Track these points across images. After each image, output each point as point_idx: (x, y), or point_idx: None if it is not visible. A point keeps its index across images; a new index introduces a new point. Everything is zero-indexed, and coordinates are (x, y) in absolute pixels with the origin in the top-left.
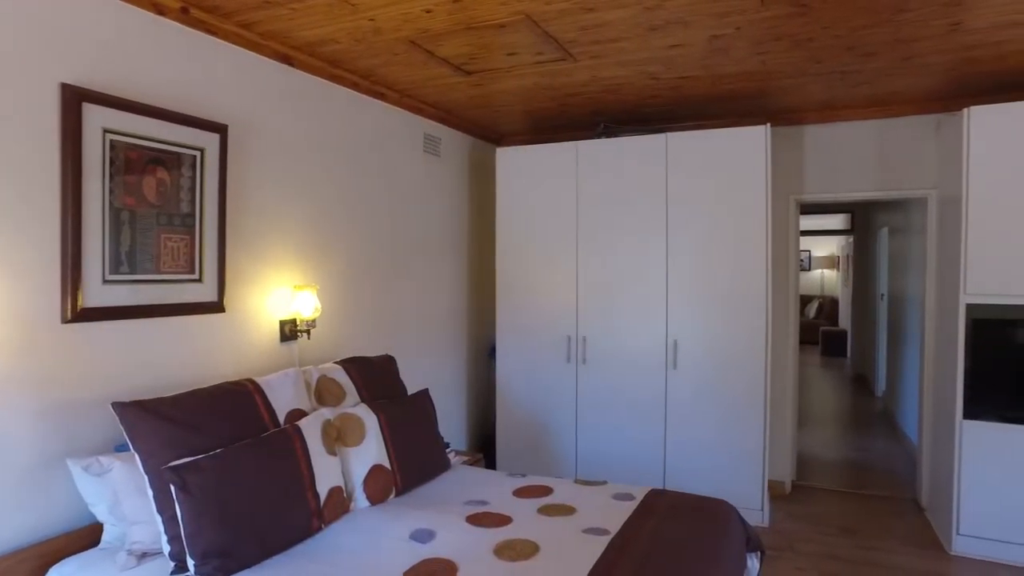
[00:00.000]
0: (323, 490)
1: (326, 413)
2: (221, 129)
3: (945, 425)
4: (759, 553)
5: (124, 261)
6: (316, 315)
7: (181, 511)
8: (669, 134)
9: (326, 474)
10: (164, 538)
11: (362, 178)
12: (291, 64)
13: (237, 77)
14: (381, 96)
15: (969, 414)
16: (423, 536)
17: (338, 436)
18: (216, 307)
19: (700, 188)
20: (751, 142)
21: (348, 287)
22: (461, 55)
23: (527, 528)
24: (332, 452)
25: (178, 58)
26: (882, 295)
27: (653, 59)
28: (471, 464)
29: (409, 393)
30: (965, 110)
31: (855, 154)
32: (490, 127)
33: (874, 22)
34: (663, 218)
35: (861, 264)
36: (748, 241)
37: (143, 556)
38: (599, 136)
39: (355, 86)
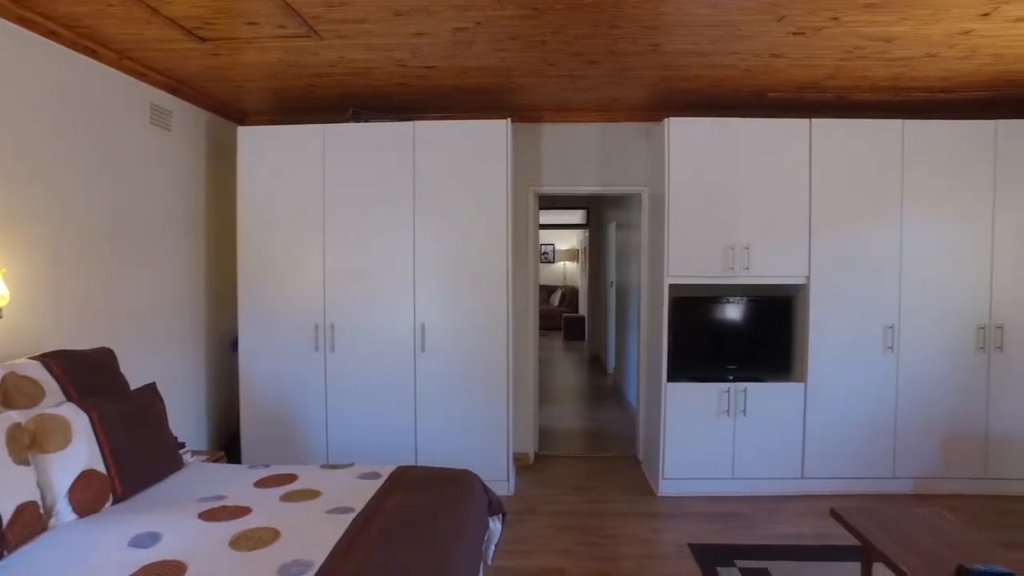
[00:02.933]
0: (7, 509)
1: (15, 416)
2: None
3: (655, 389)
4: (501, 515)
5: None
6: (3, 303)
7: None
8: (417, 122)
9: (12, 489)
10: None
11: (68, 148)
12: None
13: None
14: (92, 53)
15: (671, 378)
16: (145, 541)
17: (32, 442)
18: None
19: (446, 177)
20: (493, 135)
21: (52, 271)
22: (193, 17)
23: (267, 516)
24: (23, 461)
25: None
26: (611, 283)
27: (400, 45)
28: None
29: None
30: (666, 120)
31: (585, 153)
32: (231, 104)
33: (592, 33)
34: (410, 205)
35: (595, 256)
36: (491, 229)
37: None
38: (349, 121)
39: (54, 36)
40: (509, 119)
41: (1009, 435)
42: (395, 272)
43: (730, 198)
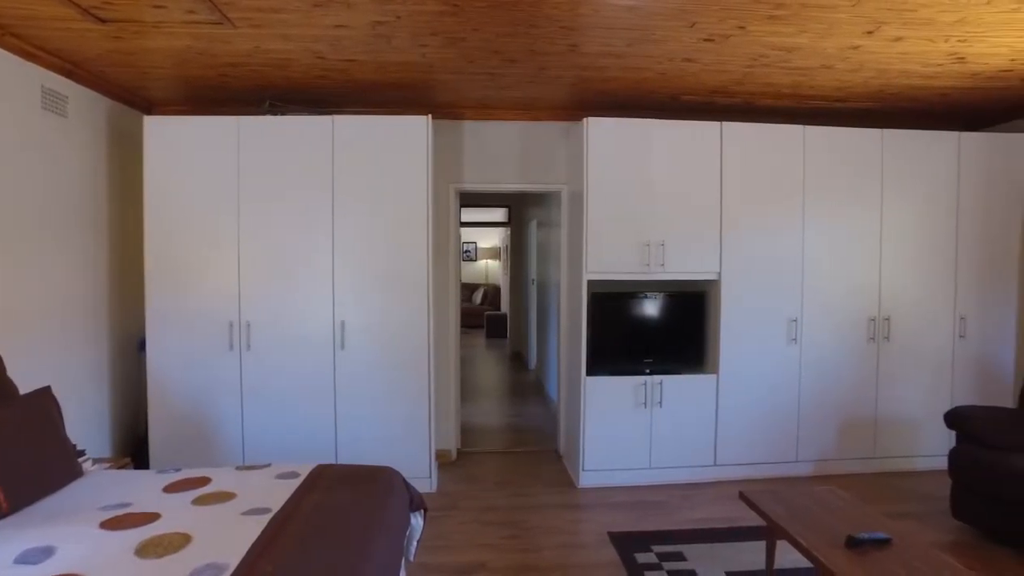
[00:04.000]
0: None
1: None
2: None
3: (574, 384)
4: (422, 512)
5: None
6: None
7: None
8: (336, 116)
9: None
10: None
11: None
12: None
13: None
14: None
15: (590, 372)
16: (35, 556)
17: None
18: None
19: (366, 172)
20: (414, 131)
21: None
22: None
23: (178, 521)
24: None
25: None
26: (532, 281)
27: (319, 37)
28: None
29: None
30: (584, 120)
31: (506, 151)
32: (136, 91)
33: (512, 32)
34: (329, 201)
35: (517, 254)
36: (411, 225)
37: None
38: (265, 113)
39: None
40: (430, 115)
41: (894, 417)
42: (314, 269)
43: (646, 196)
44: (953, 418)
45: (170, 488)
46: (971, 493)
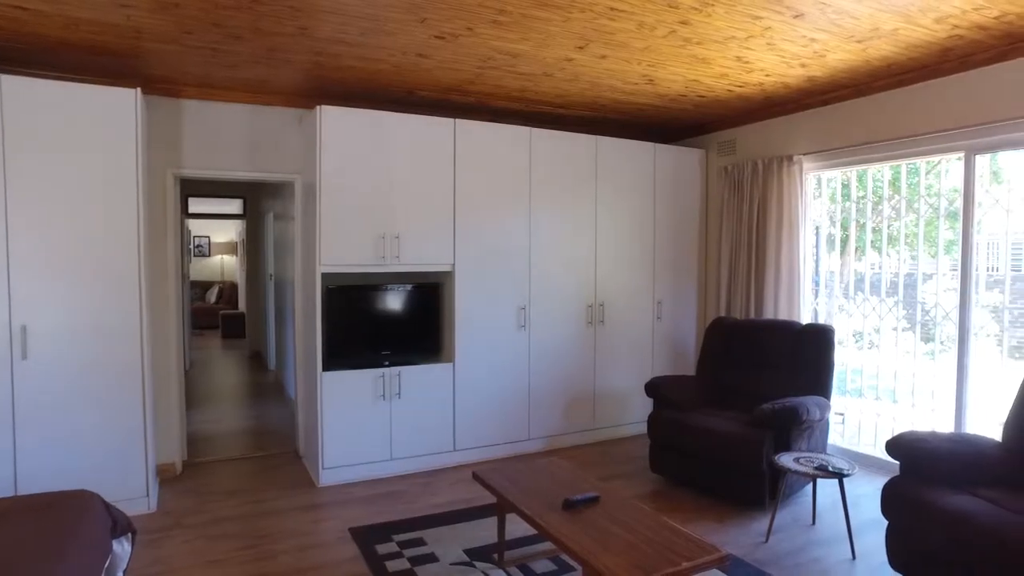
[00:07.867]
0: None
1: None
2: None
3: (312, 380)
4: (130, 535)
5: None
6: None
7: None
8: (7, 76)
9: None
10: None
11: None
12: None
13: None
14: None
15: (327, 367)
16: None
17: None
18: None
19: (54, 149)
20: (119, 105)
21: None
22: None
23: None
24: None
25: None
26: (270, 276)
27: None
28: None
29: None
30: (317, 108)
31: (233, 135)
32: None
33: (235, 5)
34: (0, 180)
35: (253, 248)
36: (117, 213)
37: None
38: None
39: None
40: (139, 89)
41: (609, 391)
42: None
43: (382, 189)
44: (650, 387)
45: None
46: (663, 449)
